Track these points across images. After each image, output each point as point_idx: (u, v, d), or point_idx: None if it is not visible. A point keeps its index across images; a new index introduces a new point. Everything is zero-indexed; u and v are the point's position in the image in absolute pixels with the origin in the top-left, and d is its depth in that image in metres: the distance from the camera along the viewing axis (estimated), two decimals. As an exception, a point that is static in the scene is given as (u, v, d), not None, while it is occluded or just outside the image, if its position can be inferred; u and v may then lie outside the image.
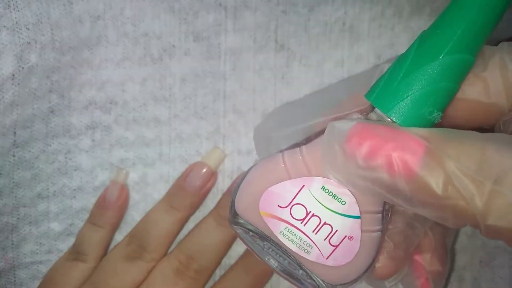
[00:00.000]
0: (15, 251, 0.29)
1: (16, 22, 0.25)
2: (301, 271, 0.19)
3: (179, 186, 0.29)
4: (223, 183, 0.30)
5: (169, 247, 0.29)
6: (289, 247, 0.18)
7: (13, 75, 0.25)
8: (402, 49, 0.30)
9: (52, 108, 0.28)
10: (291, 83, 0.30)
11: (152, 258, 0.28)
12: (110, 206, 0.29)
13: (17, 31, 0.25)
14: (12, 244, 0.29)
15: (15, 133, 0.27)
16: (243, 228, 0.19)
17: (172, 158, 0.30)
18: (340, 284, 0.18)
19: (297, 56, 0.30)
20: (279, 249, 0.18)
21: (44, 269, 0.29)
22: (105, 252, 0.29)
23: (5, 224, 0.28)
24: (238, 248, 0.30)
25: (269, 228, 0.18)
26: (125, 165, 0.30)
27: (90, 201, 0.29)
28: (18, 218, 0.29)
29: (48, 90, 0.28)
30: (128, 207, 0.30)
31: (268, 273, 0.29)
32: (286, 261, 0.19)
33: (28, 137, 0.28)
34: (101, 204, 0.29)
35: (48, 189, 0.29)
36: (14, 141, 0.27)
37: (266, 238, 0.18)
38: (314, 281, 0.18)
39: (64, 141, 0.29)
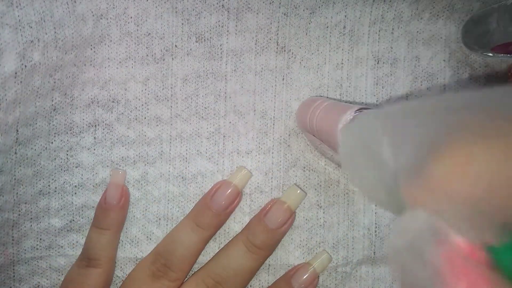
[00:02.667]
0: (15, 247, 0.29)
1: (19, 20, 0.25)
2: None
3: (205, 204, 0.29)
4: (222, 182, 0.30)
5: (192, 265, 0.29)
6: None
7: (15, 73, 0.25)
8: (401, 53, 0.30)
9: (55, 106, 0.28)
10: (291, 85, 0.30)
11: (177, 277, 0.28)
12: (112, 208, 0.29)
13: (20, 29, 0.25)
14: (13, 239, 0.29)
15: (17, 130, 0.27)
16: None
17: (173, 157, 0.30)
18: None
19: (297, 58, 0.30)
20: None
21: (44, 264, 0.29)
22: (114, 253, 0.29)
23: (6, 220, 0.28)
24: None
25: None
26: (126, 163, 0.30)
27: (90, 198, 0.30)
28: (19, 214, 0.29)
29: (51, 88, 0.28)
30: (130, 204, 0.30)
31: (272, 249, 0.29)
32: None
33: (31, 135, 0.28)
34: (103, 207, 0.29)
35: (49, 185, 0.29)
36: (17, 138, 0.27)
37: None
38: None
39: (66, 138, 0.29)
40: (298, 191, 0.29)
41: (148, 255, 0.29)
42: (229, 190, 0.29)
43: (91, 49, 0.29)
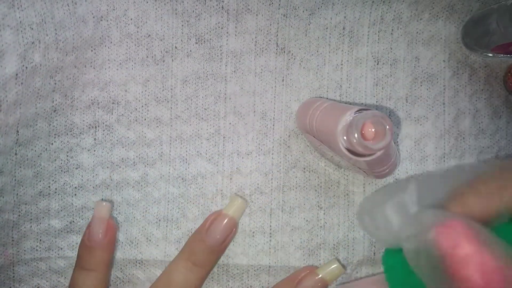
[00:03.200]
0: (15, 248, 0.29)
1: (20, 22, 0.25)
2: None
3: (200, 239, 0.27)
4: (222, 184, 0.30)
5: None
6: None
7: (16, 74, 0.25)
8: (400, 54, 0.30)
9: (55, 108, 0.29)
10: (291, 86, 0.30)
11: None
12: (97, 246, 0.27)
13: (21, 31, 0.25)
14: (12, 240, 0.29)
15: (18, 131, 0.27)
16: None
17: (173, 158, 0.30)
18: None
19: (297, 59, 0.30)
20: None
21: (43, 266, 0.29)
22: None
23: (6, 221, 0.29)
24: (236, 248, 0.30)
25: None
26: (126, 164, 0.30)
27: (90, 199, 0.30)
28: (19, 215, 0.29)
29: (51, 90, 0.28)
30: (129, 206, 0.30)
31: None
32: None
33: (31, 136, 0.28)
34: (87, 245, 0.27)
35: (49, 186, 0.29)
36: (17, 139, 0.27)
37: None
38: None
39: (66, 139, 0.29)
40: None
41: None
42: (224, 223, 0.28)
43: (92, 50, 0.29)
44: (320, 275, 0.28)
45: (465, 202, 0.17)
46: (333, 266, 0.28)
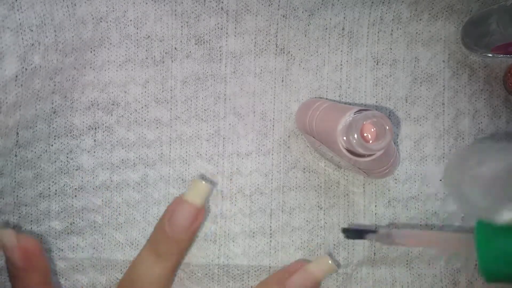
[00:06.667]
0: (16, 250, 0.29)
1: (20, 24, 0.25)
2: None
3: (162, 231, 0.26)
4: (222, 185, 0.30)
5: None
6: None
7: (16, 76, 0.25)
8: (400, 54, 0.30)
9: (55, 109, 0.29)
10: (290, 86, 0.30)
11: None
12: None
13: (21, 33, 0.25)
14: (13, 242, 0.29)
15: (17, 133, 0.27)
16: None
17: (173, 159, 0.30)
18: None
19: (296, 60, 0.30)
20: None
21: (44, 267, 0.30)
22: None
23: (6, 223, 0.29)
24: (236, 249, 0.30)
25: None
26: (126, 166, 0.30)
27: (90, 200, 0.30)
28: (20, 217, 0.29)
29: (51, 91, 0.28)
30: (129, 207, 0.30)
31: None
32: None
33: (31, 137, 0.28)
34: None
35: (49, 188, 0.29)
36: (17, 141, 0.27)
37: None
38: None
39: (66, 141, 0.29)
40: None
41: None
42: (186, 211, 0.25)
43: (91, 52, 0.29)
44: (311, 271, 0.27)
45: None
46: (325, 263, 0.27)
